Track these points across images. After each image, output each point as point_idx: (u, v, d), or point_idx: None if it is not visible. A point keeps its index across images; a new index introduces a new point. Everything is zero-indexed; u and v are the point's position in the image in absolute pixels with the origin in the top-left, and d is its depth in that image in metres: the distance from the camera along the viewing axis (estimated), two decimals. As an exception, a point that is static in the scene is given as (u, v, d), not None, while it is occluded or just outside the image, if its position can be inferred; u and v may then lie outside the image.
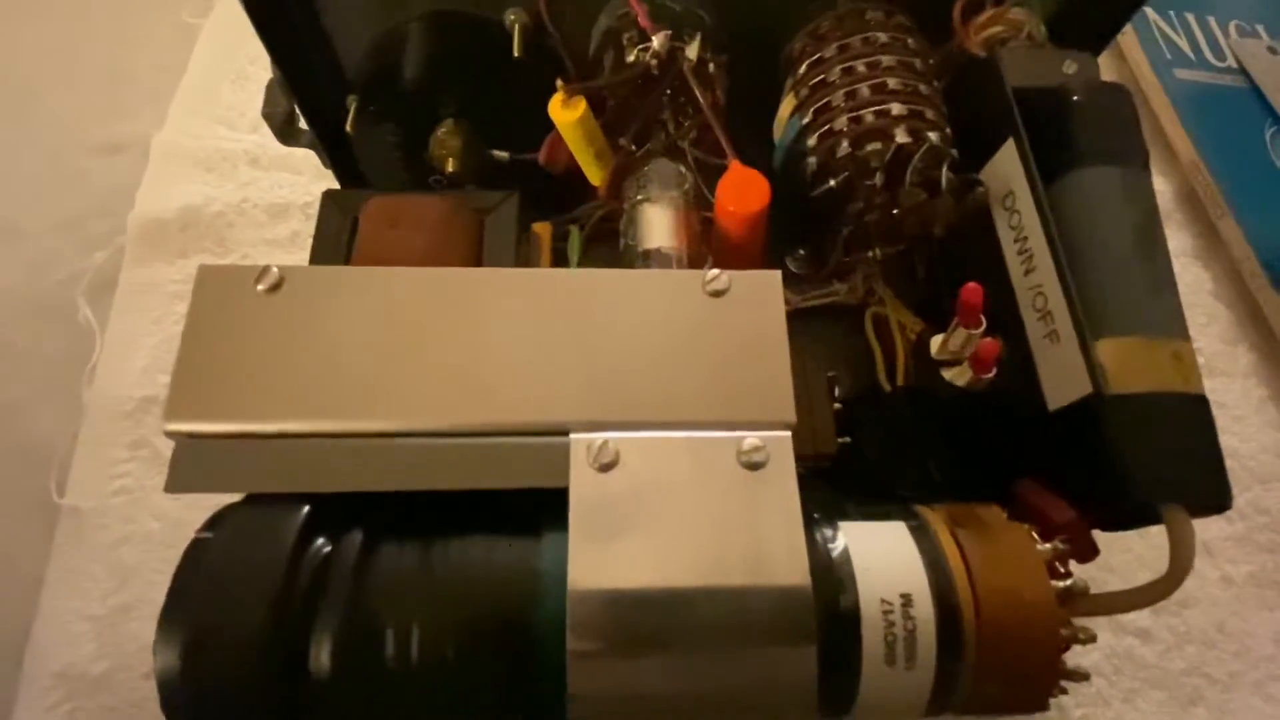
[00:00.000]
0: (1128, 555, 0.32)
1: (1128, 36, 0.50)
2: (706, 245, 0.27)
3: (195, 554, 0.18)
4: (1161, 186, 0.45)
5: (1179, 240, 0.43)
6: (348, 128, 0.29)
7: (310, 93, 0.28)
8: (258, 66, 0.43)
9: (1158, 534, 0.21)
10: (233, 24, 0.45)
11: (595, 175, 0.27)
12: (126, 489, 0.31)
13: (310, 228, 0.39)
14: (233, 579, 0.18)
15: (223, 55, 0.44)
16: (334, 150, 0.31)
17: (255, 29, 0.26)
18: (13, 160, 0.40)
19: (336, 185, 0.32)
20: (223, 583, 0.18)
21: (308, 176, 0.39)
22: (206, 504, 0.20)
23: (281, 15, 0.26)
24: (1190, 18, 0.52)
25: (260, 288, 0.21)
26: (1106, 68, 0.51)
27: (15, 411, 0.33)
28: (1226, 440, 0.38)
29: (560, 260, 0.27)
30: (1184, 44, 0.50)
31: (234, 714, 0.17)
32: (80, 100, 0.43)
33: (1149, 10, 0.51)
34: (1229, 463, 0.37)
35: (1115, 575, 0.32)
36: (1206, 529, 0.35)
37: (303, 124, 0.30)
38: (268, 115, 0.29)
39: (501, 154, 0.28)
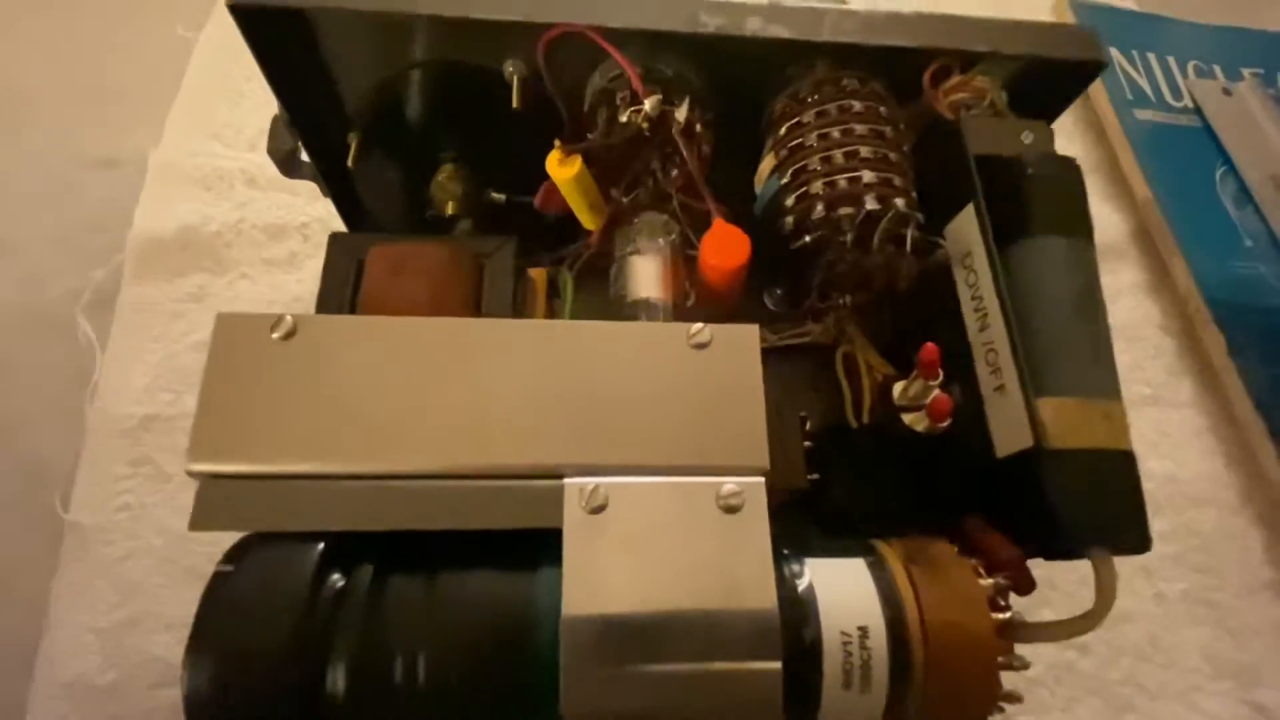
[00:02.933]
0: (1073, 575, 0.35)
1: (1092, 75, 0.52)
2: (691, 280, 0.29)
3: (218, 586, 0.20)
4: (1118, 222, 0.48)
5: (1132, 274, 0.46)
6: (349, 163, 0.30)
7: (314, 132, 0.30)
8: (253, 84, 0.44)
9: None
10: (227, 39, 0.46)
11: (589, 221, 0.28)
12: (129, 505, 0.32)
13: (307, 248, 0.40)
14: (255, 610, 0.19)
15: (218, 71, 0.44)
16: (335, 184, 0.32)
17: (263, 73, 0.27)
18: (6, 174, 0.41)
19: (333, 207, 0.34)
20: (246, 613, 0.19)
21: (304, 198, 0.40)
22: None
23: (288, 60, 0.27)
24: (1151, 57, 0.54)
25: (275, 335, 0.22)
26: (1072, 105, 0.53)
27: (18, 428, 0.34)
28: (1166, 466, 0.41)
29: (555, 300, 0.29)
30: (1144, 84, 0.53)
31: (257, 734, 0.19)
32: (74, 114, 0.43)
33: (1113, 49, 0.54)
34: (1168, 488, 0.40)
35: (1058, 591, 0.35)
36: (1144, 549, 0.38)
37: (305, 156, 0.32)
38: (272, 151, 0.30)
39: (499, 196, 0.30)
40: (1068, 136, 0.52)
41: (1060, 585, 0.35)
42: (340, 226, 0.35)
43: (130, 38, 0.46)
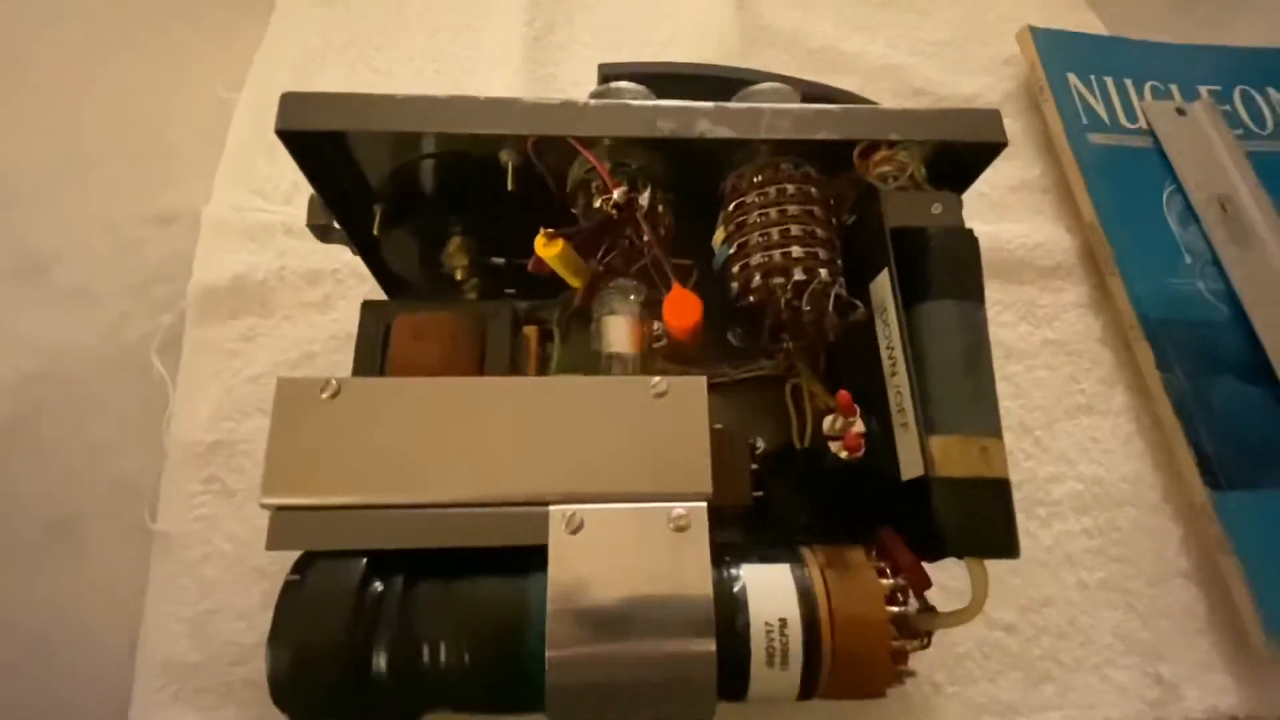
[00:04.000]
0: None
1: (1048, 103, 0.56)
2: (662, 325, 0.35)
3: (289, 591, 0.26)
4: (1067, 243, 0.52)
5: (1078, 291, 0.51)
6: (374, 232, 0.36)
7: (344, 209, 0.36)
8: (287, 141, 0.50)
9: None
10: (262, 100, 0.52)
11: (574, 282, 0.34)
12: (203, 517, 0.39)
13: (339, 290, 0.47)
14: (317, 610, 0.26)
15: (256, 130, 0.50)
16: (364, 247, 0.38)
17: (302, 170, 0.33)
18: (79, 230, 0.47)
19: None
20: (311, 613, 0.26)
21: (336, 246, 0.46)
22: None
23: (323, 160, 0.33)
24: (1109, 81, 0.58)
25: (324, 395, 0.28)
26: (1030, 132, 0.57)
27: (109, 454, 0.41)
28: (1094, 470, 0.46)
29: (548, 345, 0.35)
30: (1100, 108, 0.57)
31: (323, 701, 0.25)
32: (132, 173, 0.49)
33: (1071, 75, 0.58)
34: (1095, 488, 0.45)
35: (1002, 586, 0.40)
36: (1071, 543, 0.43)
37: (337, 225, 0.38)
38: (310, 225, 0.36)
39: (499, 260, 0.36)
40: (1027, 160, 0.56)
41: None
42: (366, 274, 0.41)
43: (177, 99, 0.52)
